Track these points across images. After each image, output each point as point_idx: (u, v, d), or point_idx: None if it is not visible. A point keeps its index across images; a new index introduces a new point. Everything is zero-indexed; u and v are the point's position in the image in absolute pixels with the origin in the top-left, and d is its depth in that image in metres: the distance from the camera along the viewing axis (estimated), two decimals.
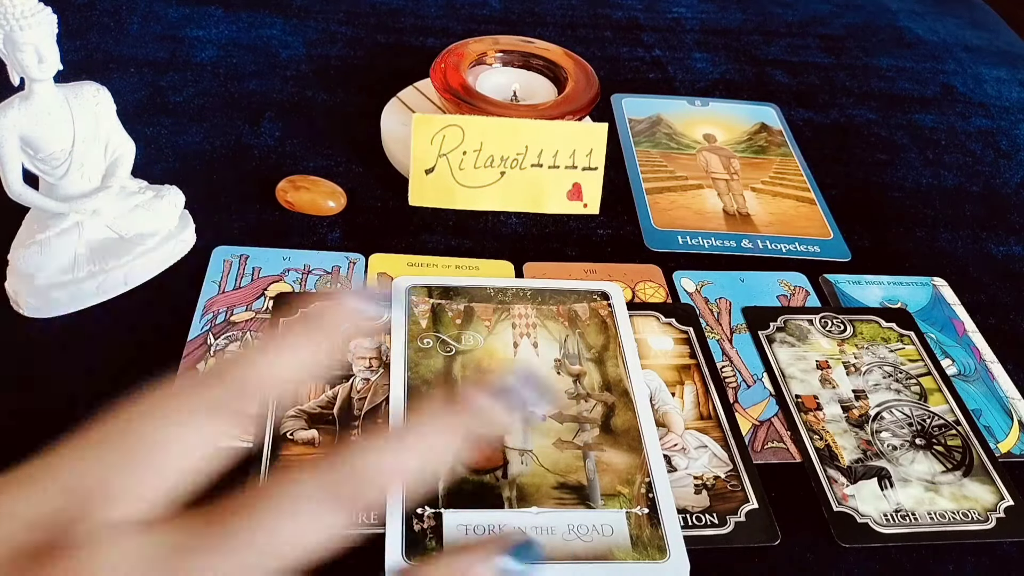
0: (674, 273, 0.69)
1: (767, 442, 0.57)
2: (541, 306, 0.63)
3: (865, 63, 1.03)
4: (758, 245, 0.73)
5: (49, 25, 0.54)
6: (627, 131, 0.86)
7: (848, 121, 0.92)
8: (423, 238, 0.70)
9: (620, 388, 0.58)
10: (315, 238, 0.69)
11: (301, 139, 0.80)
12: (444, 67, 0.77)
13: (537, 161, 0.72)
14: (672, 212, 0.76)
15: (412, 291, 0.63)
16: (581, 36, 1.02)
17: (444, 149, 0.71)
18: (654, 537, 0.49)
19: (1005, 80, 1.03)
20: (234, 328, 0.60)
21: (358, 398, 0.56)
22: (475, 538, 0.49)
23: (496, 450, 0.53)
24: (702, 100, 0.92)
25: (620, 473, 0.53)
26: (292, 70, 0.89)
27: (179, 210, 0.65)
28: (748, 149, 0.85)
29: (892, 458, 0.56)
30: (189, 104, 0.82)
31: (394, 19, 1.01)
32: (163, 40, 0.91)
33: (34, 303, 0.58)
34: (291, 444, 0.53)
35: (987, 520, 0.53)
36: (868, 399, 0.60)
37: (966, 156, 0.89)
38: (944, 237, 0.77)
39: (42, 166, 0.58)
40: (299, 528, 0.24)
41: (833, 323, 0.65)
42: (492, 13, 1.05)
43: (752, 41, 1.05)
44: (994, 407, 0.61)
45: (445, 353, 0.59)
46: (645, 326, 0.63)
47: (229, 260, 0.65)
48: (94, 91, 0.59)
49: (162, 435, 0.25)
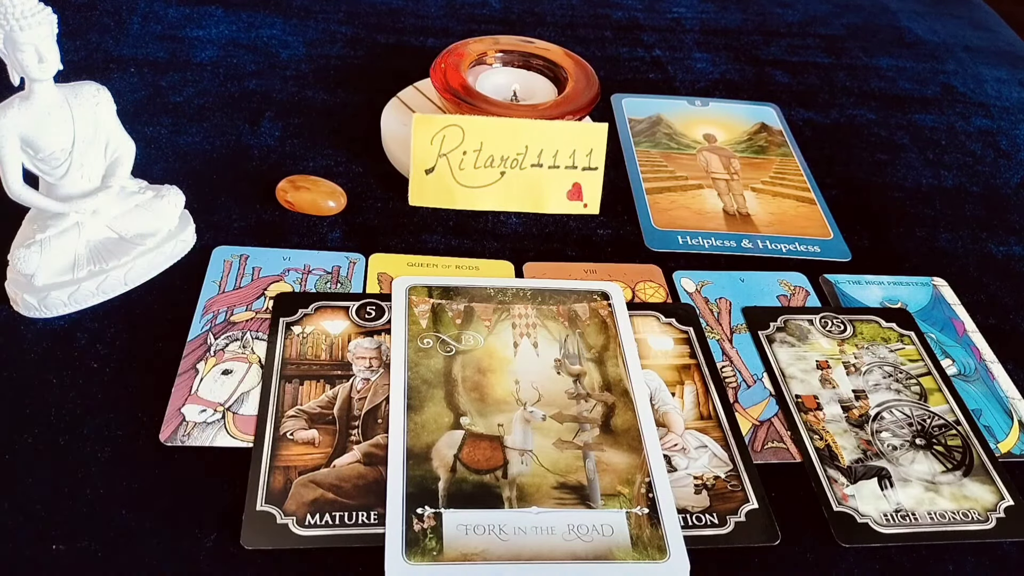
0: (674, 273, 0.69)
1: (767, 442, 0.57)
2: (541, 306, 0.63)
3: (865, 63, 1.03)
4: (758, 245, 0.73)
5: (49, 25, 0.54)
6: (627, 131, 0.86)
7: (848, 121, 0.92)
8: (423, 238, 0.70)
9: (620, 388, 0.58)
10: (315, 238, 0.69)
11: (301, 139, 0.80)
12: (444, 67, 0.77)
13: (537, 161, 0.72)
14: (672, 212, 0.76)
15: (412, 291, 0.63)
16: (581, 36, 1.02)
17: (444, 149, 0.71)
18: (654, 537, 0.49)
19: (1005, 80, 1.03)
20: (234, 328, 0.60)
21: (358, 398, 0.56)
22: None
23: (496, 450, 0.53)
24: (702, 100, 0.92)
25: (620, 473, 0.53)
26: (292, 70, 0.89)
27: (179, 210, 0.65)
28: (748, 149, 0.85)
29: (892, 458, 0.56)
30: (189, 104, 0.82)
31: (394, 19, 1.01)
32: (163, 40, 0.91)
33: (34, 303, 0.58)
34: (291, 444, 0.53)
35: (987, 520, 0.53)
36: (868, 399, 0.60)
37: (966, 156, 0.89)
38: (944, 237, 0.77)
39: (42, 166, 0.58)
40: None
41: (833, 323, 0.65)
42: (492, 13, 1.05)
43: (752, 41, 1.05)
44: (994, 407, 0.61)
45: (445, 353, 0.59)
46: (645, 326, 0.63)
47: (229, 260, 0.65)
48: (94, 91, 0.59)
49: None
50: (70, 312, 0.60)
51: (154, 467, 0.51)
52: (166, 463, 0.51)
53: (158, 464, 0.51)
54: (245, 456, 0.52)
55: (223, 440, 0.53)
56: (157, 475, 0.51)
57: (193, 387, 0.56)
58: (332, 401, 0.55)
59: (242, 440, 0.53)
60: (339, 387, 0.56)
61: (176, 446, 0.52)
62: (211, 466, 0.52)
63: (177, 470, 0.51)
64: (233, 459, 0.52)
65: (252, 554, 0.47)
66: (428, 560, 0.47)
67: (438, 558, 0.47)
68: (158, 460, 0.51)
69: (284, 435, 0.53)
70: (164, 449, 0.52)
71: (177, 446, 0.52)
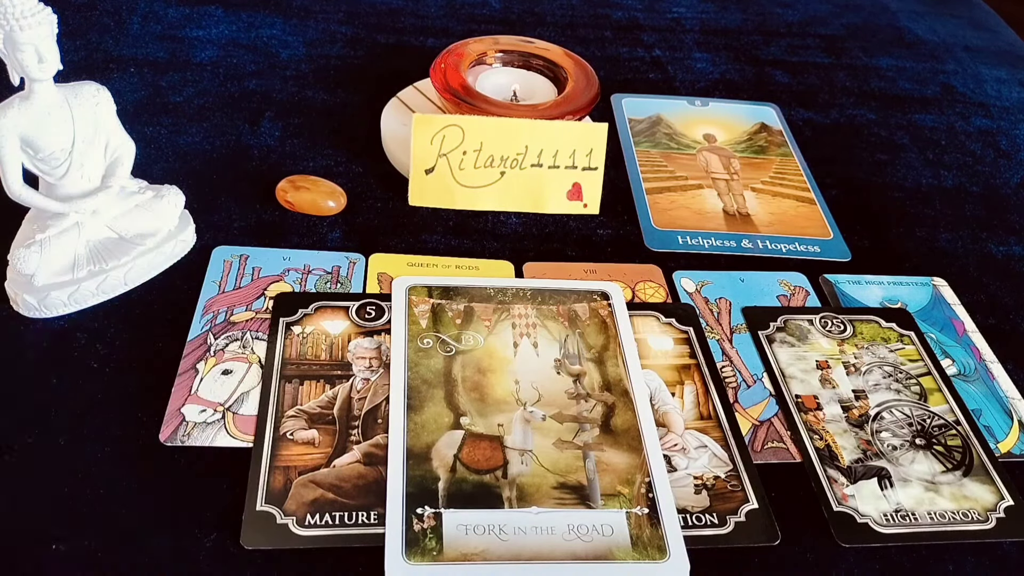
0: (674, 273, 0.69)
1: (767, 442, 0.57)
2: (541, 306, 0.63)
3: (865, 63, 1.03)
4: (758, 245, 0.73)
5: (49, 25, 0.54)
6: (627, 131, 0.86)
7: (848, 121, 0.92)
8: (423, 238, 0.70)
9: (620, 388, 0.58)
10: (315, 238, 0.69)
11: (301, 139, 0.80)
12: (444, 67, 0.77)
13: (537, 161, 0.72)
14: (672, 212, 0.76)
15: (412, 291, 0.63)
16: (581, 36, 1.02)
17: (444, 149, 0.71)
18: (654, 537, 0.49)
19: (1005, 80, 1.03)
20: (234, 328, 0.60)
21: (358, 398, 0.56)
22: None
23: (496, 450, 0.53)
24: (702, 100, 0.92)
25: (620, 473, 0.53)
26: (292, 70, 0.89)
27: (179, 210, 0.65)
28: (748, 149, 0.85)
29: (892, 458, 0.56)
30: (189, 104, 0.82)
31: (394, 19, 1.01)
32: (163, 40, 0.91)
33: (34, 303, 0.58)
34: (291, 444, 0.53)
35: (987, 520, 0.53)
36: (868, 399, 0.60)
37: (966, 156, 0.89)
38: (944, 237, 0.77)
39: (42, 166, 0.58)
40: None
41: (833, 323, 0.65)
42: (492, 13, 1.05)
43: (752, 41, 1.05)
44: (994, 407, 0.61)
45: (445, 353, 0.59)
46: (645, 326, 0.63)
47: (229, 260, 0.65)
48: (94, 91, 0.59)
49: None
50: (70, 312, 0.60)
51: (154, 467, 0.51)
52: (166, 463, 0.51)
53: (158, 464, 0.51)
54: (245, 456, 0.52)
55: (223, 440, 0.53)
56: (157, 475, 0.51)
57: (193, 387, 0.56)
58: (332, 401, 0.55)
59: (242, 440, 0.53)
60: (339, 387, 0.56)
61: (176, 446, 0.52)
62: (211, 466, 0.52)
63: (177, 470, 0.51)
64: (233, 459, 0.52)
65: (252, 554, 0.47)
66: (428, 560, 0.47)
67: (438, 558, 0.47)
68: (158, 460, 0.51)
69: (284, 435, 0.53)
70: (164, 449, 0.52)
71: (177, 446, 0.52)
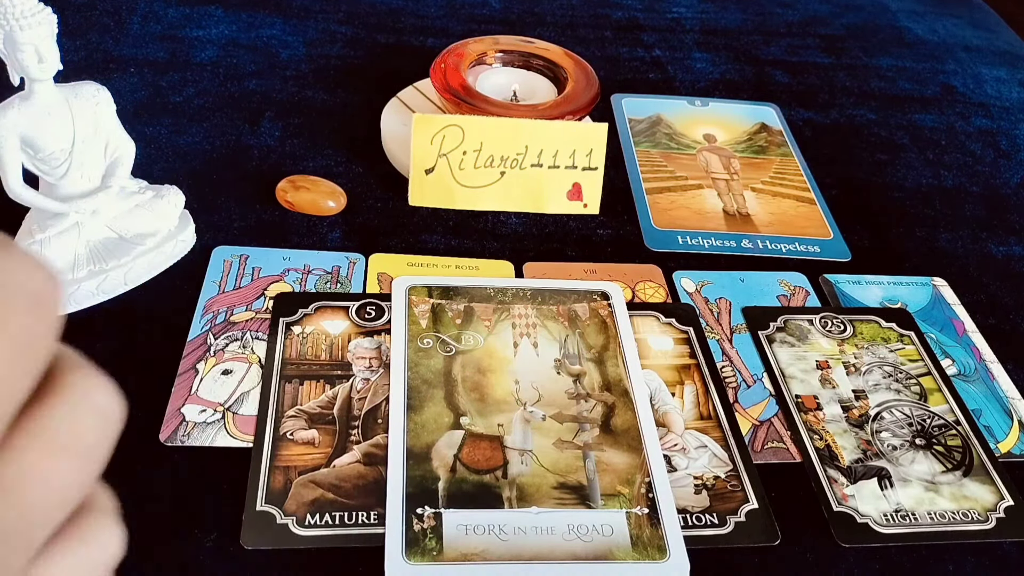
0: (674, 273, 0.69)
1: (767, 442, 0.57)
2: (541, 306, 0.63)
3: (865, 63, 1.03)
4: (758, 245, 0.73)
5: (49, 25, 0.54)
6: (627, 131, 0.86)
7: (848, 121, 0.92)
8: (423, 238, 0.70)
9: (620, 388, 0.58)
10: (315, 238, 0.69)
11: (301, 139, 0.80)
12: (444, 67, 0.77)
13: (537, 161, 0.72)
14: (672, 212, 0.76)
15: (412, 291, 0.63)
16: (581, 36, 1.02)
17: (444, 149, 0.71)
18: (654, 537, 0.49)
19: (1005, 80, 1.03)
20: (234, 328, 0.60)
21: (358, 398, 0.56)
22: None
23: (496, 450, 0.53)
24: (702, 100, 0.92)
25: (620, 473, 0.53)
26: (292, 70, 0.89)
27: (179, 210, 0.65)
28: (748, 149, 0.85)
29: (892, 458, 0.56)
30: (189, 104, 0.82)
31: (394, 19, 1.01)
32: (163, 40, 0.91)
33: None
34: (291, 444, 0.53)
35: (987, 520, 0.53)
36: (868, 399, 0.60)
37: (966, 156, 0.89)
38: (944, 237, 0.77)
39: (42, 166, 0.58)
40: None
41: (833, 323, 0.65)
42: (492, 13, 1.05)
43: (752, 41, 1.05)
44: (994, 407, 0.61)
45: (445, 353, 0.59)
46: (645, 326, 0.63)
47: (229, 260, 0.65)
48: (94, 91, 0.59)
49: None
50: (70, 312, 0.60)
51: (154, 467, 0.51)
52: (166, 463, 0.51)
53: (158, 464, 0.51)
54: (245, 456, 0.52)
55: (223, 440, 0.53)
56: (157, 475, 0.51)
57: (193, 387, 0.56)
58: (332, 401, 0.55)
59: (242, 440, 0.53)
60: (339, 387, 0.56)
61: (176, 446, 0.52)
62: (211, 466, 0.52)
63: (177, 470, 0.51)
64: (233, 459, 0.52)
65: (252, 554, 0.47)
66: (428, 560, 0.47)
67: (438, 558, 0.47)
68: (158, 460, 0.51)
69: (284, 435, 0.53)
70: (164, 449, 0.52)
71: (177, 446, 0.52)
